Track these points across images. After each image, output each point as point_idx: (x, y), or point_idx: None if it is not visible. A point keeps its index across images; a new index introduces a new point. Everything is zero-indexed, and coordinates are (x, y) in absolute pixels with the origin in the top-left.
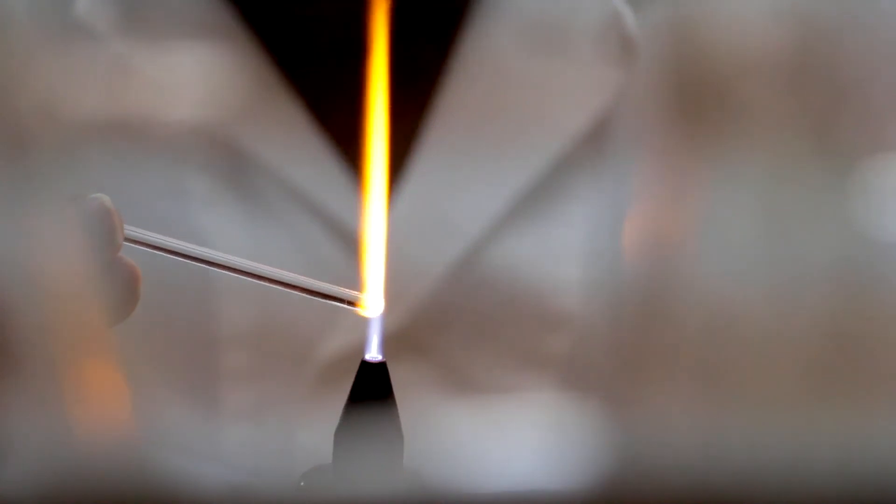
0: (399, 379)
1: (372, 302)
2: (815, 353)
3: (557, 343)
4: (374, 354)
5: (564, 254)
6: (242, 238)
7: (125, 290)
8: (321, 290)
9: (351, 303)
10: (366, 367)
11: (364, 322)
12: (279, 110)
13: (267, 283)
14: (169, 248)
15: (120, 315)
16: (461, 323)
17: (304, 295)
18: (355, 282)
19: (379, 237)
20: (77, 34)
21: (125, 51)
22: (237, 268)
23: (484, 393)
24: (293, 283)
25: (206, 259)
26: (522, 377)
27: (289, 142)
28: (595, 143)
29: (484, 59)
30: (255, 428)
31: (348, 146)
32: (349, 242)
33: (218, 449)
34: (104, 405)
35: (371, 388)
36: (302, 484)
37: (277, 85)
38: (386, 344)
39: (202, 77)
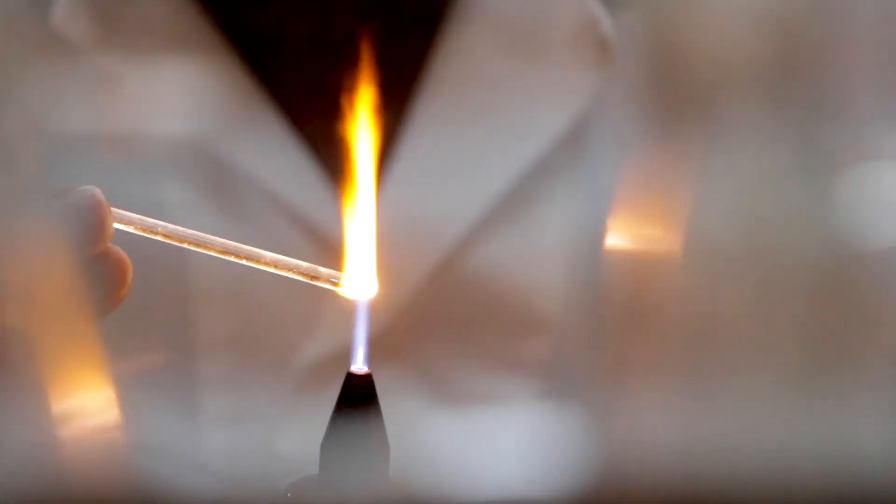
0: (379, 385)
1: (362, 283)
2: (795, 357)
3: (538, 347)
4: (359, 366)
5: (544, 257)
6: None
7: (115, 279)
8: (309, 272)
9: (340, 284)
10: (352, 378)
11: (346, 326)
12: (258, 120)
13: (264, 268)
14: (149, 228)
15: (109, 305)
16: (441, 328)
17: (294, 277)
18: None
19: (366, 221)
20: (56, 47)
21: (105, 64)
22: (230, 251)
23: (465, 400)
24: (285, 265)
25: (190, 239)
26: (503, 383)
27: (268, 151)
28: (573, 146)
29: (461, 62)
30: (235, 434)
31: (327, 154)
32: (329, 248)
33: (199, 455)
34: (88, 411)
35: (357, 400)
36: (289, 495)
37: (256, 96)
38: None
39: (182, 89)
